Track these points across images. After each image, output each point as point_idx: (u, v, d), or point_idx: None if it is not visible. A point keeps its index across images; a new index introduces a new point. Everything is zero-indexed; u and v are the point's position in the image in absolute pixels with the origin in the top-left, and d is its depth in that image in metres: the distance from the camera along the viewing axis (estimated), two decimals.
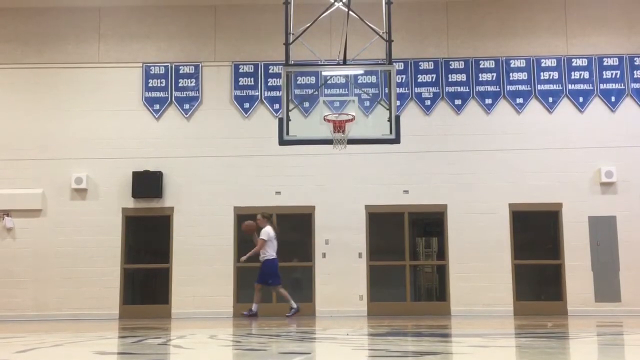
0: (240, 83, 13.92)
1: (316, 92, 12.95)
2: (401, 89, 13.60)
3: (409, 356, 4.45)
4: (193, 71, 13.96)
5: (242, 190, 13.61)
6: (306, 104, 13.31)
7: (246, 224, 12.05)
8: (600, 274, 13.23)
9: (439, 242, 13.94)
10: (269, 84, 13.87)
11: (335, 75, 12.91)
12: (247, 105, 13.86)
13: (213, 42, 14.06)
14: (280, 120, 10.03)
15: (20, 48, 14.04)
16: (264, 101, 13.86)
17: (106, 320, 11.86)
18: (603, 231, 13.30)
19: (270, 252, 11.76)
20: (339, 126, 9.98)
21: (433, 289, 14.33)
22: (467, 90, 13.80)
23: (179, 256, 13.47)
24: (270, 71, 13.86)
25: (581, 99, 13.68)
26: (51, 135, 13.77)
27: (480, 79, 13.80)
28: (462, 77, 13.82)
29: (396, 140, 9.88)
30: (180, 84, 13.94)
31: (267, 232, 11.80)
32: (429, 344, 5.50)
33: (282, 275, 11.90)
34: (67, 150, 13.71)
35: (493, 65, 13.82)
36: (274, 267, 11.81)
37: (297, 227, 13.81)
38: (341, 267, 13.33)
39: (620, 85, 13.67)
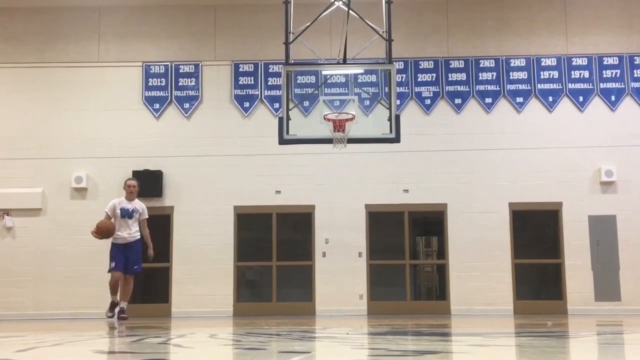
0: (240, 82, 13.92)
1: (316, 91, 12.93)
2: (401, 88, 13.59)
3: (408, 355, 4.45)
4: (193, 70, 13.96)
5: (242, 190, 13.60)
6: (306, 103, 13.30)
7: (109, 227, 10.16)
8: (600, 273, 13.22)
9: (439, 241, 13.93)
10: (269, 83, 13.87)
11: (335, 75, 12.90)
12: (247, 104, 13.85)
13: (213, 41, 14.05)
14: (280, 120, 10.02)
15: (20, 47, 14.03)
16: (264, 100, 13.85)
17: (106, 319, 11.84)
18: (603, 230, 13.30)
19: None
20: (339, 125, 9.97)
21: (433, 288, 14.32)
22: (467, 89, 13.79)
23: (179, 255, 13.48)
24: (270, 70, 13.86)
25: (581, 98, 13.67)
26: (51, 134, 13.76)
27: (480, 78, 13.80)
28: (462, 77, 13.81)
29: (396, 140, 9.87)
30: (180, 83, 13.94)
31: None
32: (429, 343, 5.50)
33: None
34: (66, 149, 13.71)
35: (493, 65, 13.82)
36: None
37: (297, 226, 13.81)
38: (341, 266, 13.32)
39: (620, 85, 13.66)
